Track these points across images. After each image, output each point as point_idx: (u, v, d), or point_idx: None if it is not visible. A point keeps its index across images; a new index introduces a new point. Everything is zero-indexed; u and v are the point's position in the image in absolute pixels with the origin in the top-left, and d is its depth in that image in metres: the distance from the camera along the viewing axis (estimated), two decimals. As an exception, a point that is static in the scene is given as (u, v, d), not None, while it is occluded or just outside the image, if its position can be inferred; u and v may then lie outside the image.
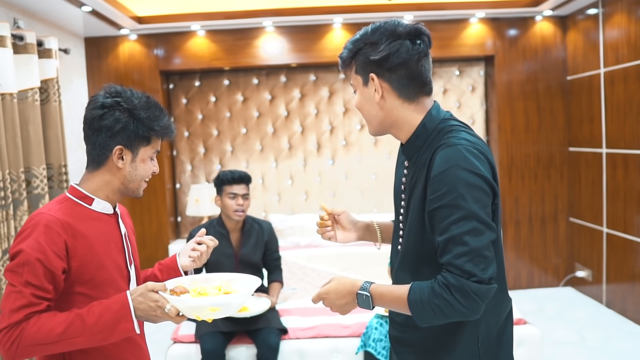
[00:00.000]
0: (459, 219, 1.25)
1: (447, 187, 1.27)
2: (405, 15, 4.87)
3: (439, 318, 1.28)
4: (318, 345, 3.08)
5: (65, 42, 4.61)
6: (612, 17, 4.35)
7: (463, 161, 1.28)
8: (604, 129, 4.54)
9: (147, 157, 1.56)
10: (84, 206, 1.52)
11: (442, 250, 1.28)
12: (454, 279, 1.24)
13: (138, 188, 1.57)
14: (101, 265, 1.49)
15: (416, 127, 1.42)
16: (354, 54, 1.43)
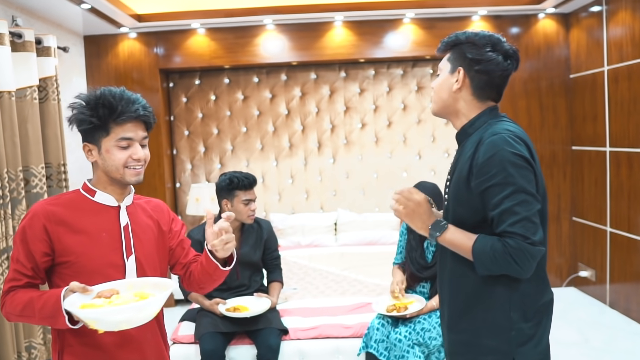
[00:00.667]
0: (510, 193, 1.50)
1: (496, 168, 1.51)
2: (407, 12, 4.83)
3: (492, 267, 1.52)
4: (319, 345, 3.04)
5: (65, 41, 4.57)
6: (616, 15, 4.30)
7: (507, 145, 1.52)
8: (608, 127, 4.50)
9: (111, 146, 1.60)
10: (87, 198, 1.66)
11: (497, 221, 1.52)
12: (513, 242, 1.48)
13: (122, 176, 1.63)
14: (85, 252, 1.59)
15: (473, 117, 1.68)
16: (455, 44, 1.68)
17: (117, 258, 1.64)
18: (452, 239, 1.59)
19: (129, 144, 1.62)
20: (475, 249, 1.54)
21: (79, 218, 1.62)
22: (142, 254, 1.70)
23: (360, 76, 5.43)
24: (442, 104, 1.71)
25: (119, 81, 5.01)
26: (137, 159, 1.63)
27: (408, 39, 5.03)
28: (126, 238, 1.66)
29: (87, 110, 1.59)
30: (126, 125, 1.61)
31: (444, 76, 1.70)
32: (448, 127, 5.42)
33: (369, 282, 3.96)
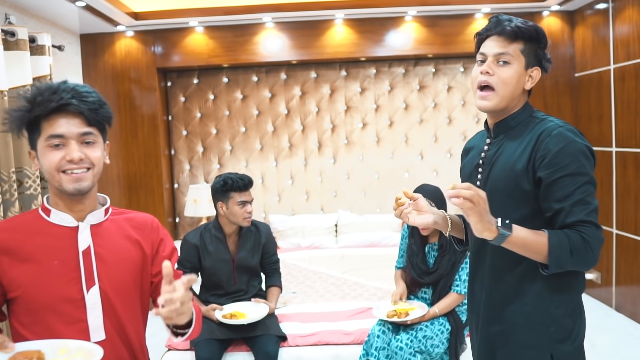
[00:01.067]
0: (583, 184, 1.48)
1: (569, 159, 1.48)
2: (409, 10, 4.74)
3: (569, 262, 1.47)
4: (318, 353, 2.96)
5: (60, 39, 4.49)
6: (622, 12, 4.21)
7: (577, 137, 1.52)
8: (614, 127, 4.41)
9: (42, 148, 1.37)
10: (42, 218, 1.42)
11: (570, 212, 1.48)
12: (589, 230, 1.46)
13: (59, 184, 1.37)
14: (33, 285, 1.34)
15: (515, 111, 1.64)
16: (530, 38, 1.59)
17: (74, 291, 1.37)
18: (524, 237, 1.46)
19: (62, 142, 1.36)
20: (552, 244, 1.45)
21: (27, 244, 1.36)
22: (110, 285, 1.42)
23: (361, 75, 5.34)
24: (509, 100, 1.61)
25: (116, 80, 4.94)
26: (70, 160, 1.35)
27: (410, 37, 4.94)
28: (87, 265, 1.39)
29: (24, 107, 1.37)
30: (57, 121, 1.35)
31: (520, 70, 1.59)
32: (450, 126, 5.33)
33: (369, 285, 3.88)
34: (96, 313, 1.39)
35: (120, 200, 4.97)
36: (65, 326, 1.36)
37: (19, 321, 1.36)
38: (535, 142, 1.54)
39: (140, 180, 5.01)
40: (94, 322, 1.39)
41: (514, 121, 1.63)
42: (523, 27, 1.57)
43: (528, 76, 1.61)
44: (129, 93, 4.97)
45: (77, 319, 1.37)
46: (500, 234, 1.43)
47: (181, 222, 5.43)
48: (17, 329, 1.36)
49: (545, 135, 1.52)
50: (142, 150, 4.99)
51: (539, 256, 1.47)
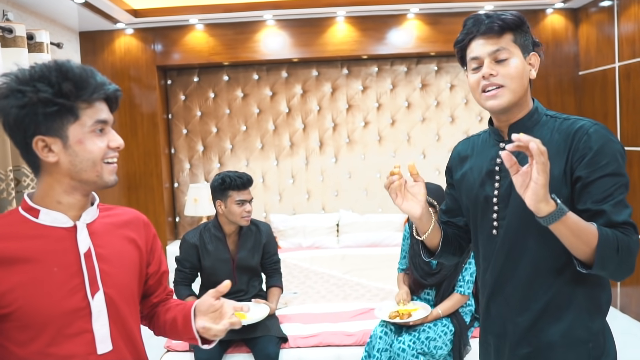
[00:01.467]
0: (621, 185, 1.40)
1: (607, 158, 1.39)
2: (411, 7, 4.70)
3: (614, 261, 1.34)
4: (320, 354, 2.91)
5: (59, 36, 4.45)
6: (627, 9, 4.16)
7: (612, 136, 1.44)
8: (619, 125, 4.36)
9: (83, 134, 1.21)
10: (29, 220, 1.23)
11: (613, 212, 1.37)
12: (631, 233, 1.36)
13: (99, 175, 1.24)
14: (31, 297, 1.19)
15: (529, 110, 1.53)
16: (517, 26, 1.50)
17: (78, 299, 1.23)
18: (577, 220, 1.31)
19: (104, 128, 1.25)
20: (602, 235, 1.31)
21: (18, 252, 1.19)
22: (115, 289, 1.29)
23: (363, 73, 5.30)
24: (521, 92, 1.48)
25: (116, 78, 4.89)
26: (116, 147, 1.26)
27: (412, 35, 4.89)
28: (89, 269, 1.25)
29: (48, 87, 1.16)
30: (96, 105, 1.23)
31: (522, 61, 1.48)
32: (453, 125, 5.28)
33: (371, 286, 3.83)
34: (102, 321, 1.26)
35: (120, 200, 4.92)
36: (68, 340, 1.22)
37: (11, 340, 1.19)
38: (572, 142, 1.43)
39: (140, 179, 4.97)
40: (100, 331, 1.26)
41: (531, 121, 1.51)
42: (507, 18, 1.48)
43: (528, 64, 1.50)
44: (128, 91, 4.92)
45: (81, 330, 1.23)
46: (559, 209, 1.27)
47: (181, 221, 5.39)
48: (9, 348, 1.20)
49: (582, 133, 1.42)
50: (142, 149, 4.95)
51: (586, 247, 1.32)
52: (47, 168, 1.23)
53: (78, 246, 1.25)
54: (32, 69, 1.19)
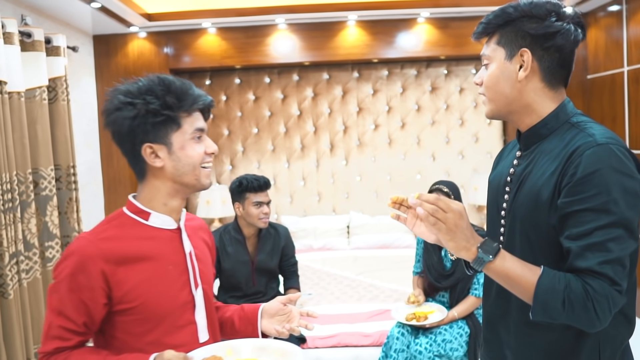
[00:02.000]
0: (607, 224, 1.15)
1: (597, 189, 1.16)
2: (421, 12, 4.74)
3: (561, 314, 1.17)
4: (338, 354, 2.97)
5: (74, 40, 4.50)
6: (636, 14, 4.21)
7: (616, 162, 1.17)
8: (627, 129, 4.40)
9: (185, 141, 1.33)
10: (139, 223, 1.35)
11: (579, 255, 1.17)
12: (598, 285, 1.14)
13: (197, 178, 1.36)
14: (152, 293, 1.31)
15: (545, 116, 1.33)
16: (505, 22, 1.32)
17: (186, 294, 1.37)
18: (508, 267, 1.20)
19: (201, 135, 1.38)
20: (541, 285, 1.16)
21: (138, 251, 1.31)
22: (207, 284, 1.44)
23: (374, 77, 5.35)
24: (505, 100, 1.33)
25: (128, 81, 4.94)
26: (212, 152, 1.39)
27: (422, 38, 4.94)
28: (192, 267, 1.39)
29: (155, 100, 1.30)
30: (194, 115, 1.36)
31: (499, 65, 1.32)
32: (462, 128, 5.33)
33: (385, 287, 3.88)
34: (202, 313, 1.41)
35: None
36: (178, 330, 1.35)
37: (129, 332, 1.30)
38: (565, 163, 1.22)
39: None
40: (201, 322, 1.40)
41: (546, 128, 1.32)
42: (490, 19, 1.34)
43: (519, 64, 1.31)
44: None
45: (188, 322, 1.37)
46: (478, 257, 1.20)
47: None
48: (125, 340, 1.31)
49: (577, 155, 1.20)
50: (155, 151, 4.99)
51: (524, 296, 1.20)
52: (153, 172, 1.35)
53: (184, 246, 1.39)
54: (140, 84, 1.34)
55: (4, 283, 3.10)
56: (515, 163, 1.40)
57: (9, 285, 3.10)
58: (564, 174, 1.21)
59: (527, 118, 1.35)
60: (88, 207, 4.58)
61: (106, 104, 1.36)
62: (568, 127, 1.30)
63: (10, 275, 3.13)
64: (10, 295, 3.11)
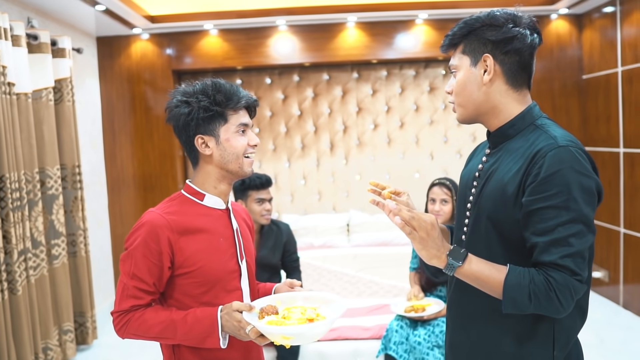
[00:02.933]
0: (568, 221, 1.26)
1: (558, 188, 1.27)
2: (419, 13, 4.83)
3: (529, 307, 1.28)
4: (338, 347, 3.05)
5: (78, 42, 4.58)
6: (630, 15, 4.29)
7: (576, 163, 1.28)
8: (622, 128, 4.49)
9: (230, 134, 1.55)
10: (196, 202, 1.58)
11: (544, 250, 1.28)
12: (559, 276, 1.26)
13: (240, 167, 1.57)
14: (208, 260, 1.53)
15: (512, 118, 1.43)
16: (468, 32, 1.43)
17: (234, 263, 1.60)
18: (476, 270, 1.30)
19: (245, 129, 1.58)
20: (508, 283, 1.27)
21: (197, 224, 1.55)
22: (250, 257, 1.68)
23: (373, 77, 5.43)
24: (474, 104, 1.43)
25: (132, 82, 5.02)
26: (254, 145, 1.59)
27: (420, 39, 5.02)
28: (238, 242, 1.63)
29: (206, 98, 1.52)
30: (240, 112, 1.57)
31: (465, 72, 1.42)
32: (460, 128, 5.41)
33: (384, 283, 3.96)
34: (246, 282, 1.63)
35: (136, 200, 5.05)
36: (227, 294, 1.57)
37: (187, 294, 1.53)
38: (529, 164, 1.32)
39: (155, 180, 5.10)
40: (245, 289, 1.62)
41: (513, 129, 1.42)
42: (455, 32, 1.44)
43: (482, 69, 1.40)
44: (144, 94, 5.05)
45: (235, 287, 1.59)
46: (449, 264, 1.30)
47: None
48: (182, 301, 1.54)
49: (540, 156, 1.30)
50: (158, 151, 5.08)
51: (495, 294, 1.31)
52: (204, 159, 1.59)
53: (232, 224, 1.63)
54: (195, 85, 1.57)
55: (13, 279, 3.18)
56: (484, 160, 1.50)
57: (17, 281, 3.19)
58: (529, 173, 1.31)
59: (495, 119, 1.44)
60: (92, 206, 4.66)
61: (168, 102, 1.59)
62: (533, 128, 1.40)
63: (19, 272, 3.21)
64: (19, 292, 3.20)
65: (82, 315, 4.07)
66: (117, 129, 5.04)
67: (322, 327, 1.41)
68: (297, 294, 1.58)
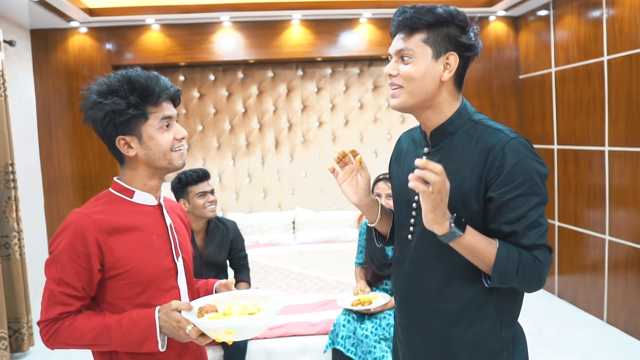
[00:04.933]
0: (536, 204, 1.36)
1: (522, 177, 1.35)
2: (363, 12, 4.89)
3: (514, 279, 1.36)
4: (286, 344, 3.04)
5: (10, 34, 4.37)
6: (562, 19, 4.50)
7: (530, 153, 1.37)
8: (556, 126, 4.70)
9: (153, 131, 1.45)
10: (125, 200, 1.50)
11: (522, 235, 1.36)
12: (540, 254, 1.36)
13: (170, 162, 1.49)
14: (141, 259, 1.45)
15: (451, 115, 1.46)
16: (440, 24, 1.40)
17: (169, 261, 1.51)
18: (474, 241, 1.34)
19: (169, 123, 1.48)
20: (500, 256, 1.33)
21: (126, 223, 1.45)
22: (186, 255, 1.60)
23: (318, 75, 5.46)
24: (425, 95, 1.42)
25: (69, 77, 4.84)
26: (181, 137, 1.50)
27: (364, 38, 5.09)
28: (173, 238, 1.55)
29: (120, 100, 1.41)
30: (162, 105, 1.47)
31: (426, 62, 1.40)
32: (403, 125, 5.51)
33: (330, 279, 3.99)
34: (183, 279, 1.55)
35: (75, 199, 4.88)
36: (164, 294, 1.49)
37: (120, 296, 1.44)
38: (487, 158, 1.37)
39: (95, 179, 4.93)
40: (183, 287, 1.54)
41: (452, 126, 1.45)
42: (421, 17, 1.39)
43: (443, 65, 1.41)
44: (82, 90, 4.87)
45: (171, 286, 1.51)
46: (451, 232, 1.30)
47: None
48: (116, 304, 1.45)
49: (498, 150, 1.36)
50: (97, 150, 4.91)
51: (484, 265, 1.36)
52: (129, 160, 1.49)
53: (165, 220, 1.54)
54: (108, 82, 1.45)
55: (-60, 283, 3.00)
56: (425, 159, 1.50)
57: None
58: (489, 167, 1.36)
59: (435, 117, 1.46)
60: (27, 207, 4.46)
61: (81, 103, 1.48)
62: (472, 124, 1.45)
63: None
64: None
65: (16, 322, 3.89)
66: (53, 126, 4.84)
67: (266, 318, 1.38)
68: (236, 293, 1.52)
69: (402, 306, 1.57)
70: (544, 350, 3.72)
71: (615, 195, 4.00)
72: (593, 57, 4.12)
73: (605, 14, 3.96)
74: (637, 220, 3.78)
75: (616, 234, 3.99)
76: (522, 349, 1.52)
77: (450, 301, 1.44)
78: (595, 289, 4.25)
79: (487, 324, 1.44)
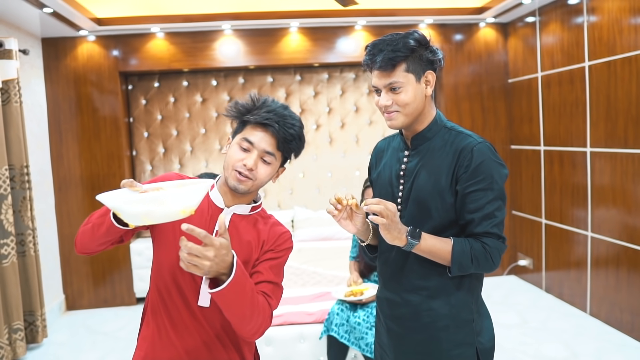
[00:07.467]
0: (493, 199, 1.63)
1: (484, 174, 1.62)
2: (358, 20, 5.11)
3: (471, 268, 1.63)
4: (284, 332, 3.27)
5: (23, 43, 4.60)
6: (548, 25, 4.71)
7: (492, 155, 1.65)
8: (542, 128, 4.92)
9: (236, 143, 1.55)
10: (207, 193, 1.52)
11: (478, 223, 1.63)
12: (491, 242, 1.63)
13: (228, 176, 1.54)
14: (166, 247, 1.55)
15: (429, 123, 1.73)
16: (410, 53, 1.62)
17: None
18: (431, 245, 1.61)
19: (249, 148, 1.54)
20: (455, 252, 1.61)
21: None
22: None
23: (315, 80, 5.68)
24: (417, 112, 1.69)
25: (78, 83, 5.07)
26: (244, 165, 1.51)
27: (359, 44, 5.31)
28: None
29: (241, 107, 1.57)
30: (257, 130, 1.54)
31: (412, 87, 1.65)
32: (398, 128, 5.72)
33: (327, 273, 4.22)
34: None
35: (84, 200, 5.11)
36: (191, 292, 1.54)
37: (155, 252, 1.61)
38: (458, 159, 1.64)
39: (103, 180, 5.16)
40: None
41: (430, 132, 1.72)
42: (398, 53, 1.60)
43: (424, 83, 1.66)
44: (90, 96, 5.11)
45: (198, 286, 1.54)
46: (409, 243, 1.58)
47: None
48: None
49: (467, 151, 1.63)
50: (105, 152, 5.15)
51: (444, 261, 1.63)
52: None
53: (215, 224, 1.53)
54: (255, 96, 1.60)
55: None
56: (405, 160, 1.77)
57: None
58: (459, 165, 1.64)
59: (420, 125, 1.73)
60: (39, 206, 4.70)
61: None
62: (446, 130, 1.73)
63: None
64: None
65: (31, 314, 4.13)
66: (63, 130, 5.08)
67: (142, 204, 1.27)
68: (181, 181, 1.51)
69: (388, 285, 1.82)
70: (528, 340, 3.94)
71: (596, 193, 4.21)
72: (575, 63, 4.34)
73: (586, 21, 4.18)
74: (617, 218, 3.99)
75: (597, 230, 4.20)
76: (488, 325, 1.79)
77: (431, 280, 1.71)
78: (579, 283, 4.46)
79: (460, 298, 1.71)
